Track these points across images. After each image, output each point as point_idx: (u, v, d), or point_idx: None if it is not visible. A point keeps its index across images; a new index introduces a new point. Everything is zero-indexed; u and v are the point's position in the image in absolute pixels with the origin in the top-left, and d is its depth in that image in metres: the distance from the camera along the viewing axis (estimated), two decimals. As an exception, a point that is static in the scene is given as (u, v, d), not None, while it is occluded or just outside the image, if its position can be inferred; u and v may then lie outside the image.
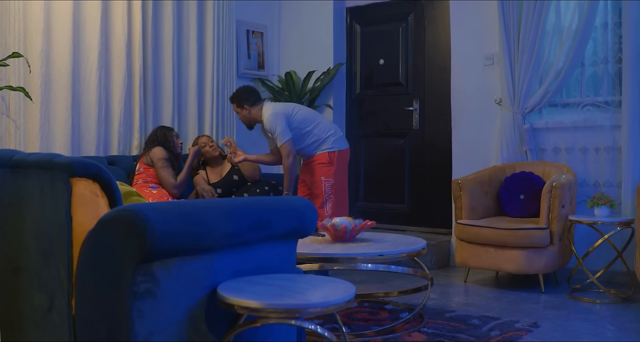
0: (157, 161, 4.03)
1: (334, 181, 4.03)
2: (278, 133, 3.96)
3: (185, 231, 1.67)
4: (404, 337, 2.84)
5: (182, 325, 1.70)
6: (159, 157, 4.03)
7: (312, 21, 5.54)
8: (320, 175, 4.03)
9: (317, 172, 4.04)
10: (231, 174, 4.41)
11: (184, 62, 4.74)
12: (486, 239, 3.83)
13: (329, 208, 3.98)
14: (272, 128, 3.98)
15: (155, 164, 4.04)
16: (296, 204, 2.10)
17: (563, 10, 4.21)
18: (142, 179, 4.01)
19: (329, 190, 4.01)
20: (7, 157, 2.09)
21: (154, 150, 4.06)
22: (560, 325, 3.08)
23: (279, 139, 3.97)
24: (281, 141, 3.96)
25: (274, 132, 3.98)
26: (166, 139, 4.15)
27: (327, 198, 3.99)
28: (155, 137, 4.16)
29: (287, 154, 3.94)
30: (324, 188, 4.00)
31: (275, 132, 3.97)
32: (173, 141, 4.18)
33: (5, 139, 3.71)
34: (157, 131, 4.21)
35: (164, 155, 4.05)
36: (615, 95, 4.07)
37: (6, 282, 2.08)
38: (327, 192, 4.00)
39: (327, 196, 4.00)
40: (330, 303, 1.72)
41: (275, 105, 4.13)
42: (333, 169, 4.04)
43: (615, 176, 4.05)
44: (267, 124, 4.01)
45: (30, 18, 3.81)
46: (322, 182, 4.00)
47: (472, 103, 4.66)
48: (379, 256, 2.82)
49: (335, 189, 4.03)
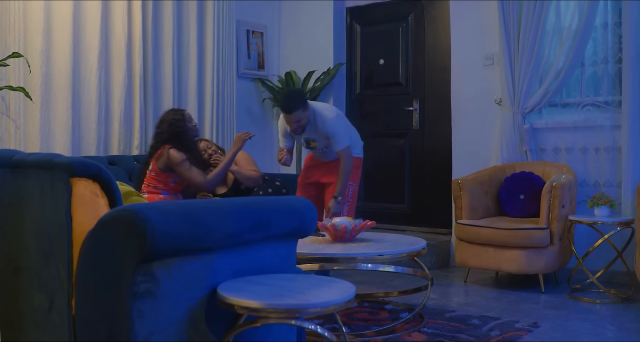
0: (178, 167, 3.67)
1: (356, 186, 3.96)
2: (341, 137, 3.78)
3: (185, 231, 1.66)
4: (404, 337, 2.84)
5: (182, 325, 1.70)
6: (178, 162, 3.65)
7: (312, 21, 5.54)
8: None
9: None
10: (238, 183, 4.13)
11: (184, 62, 4.74)
12: (486, 239, 3.83)
13: (345, 211, 3.93)
14: (335, 131, 3.77)
15: (178, 170, 3.69)
16: (296, 204, 2.10)
17: (563, 10, 4.21)
18: (153, 185, 3.74)
19: (350, 194, 3.94)
20: (7, 157, 2.09)
21: (170, 156, 3.67)
22: (560, 325, 3.08)
23: (341, 142, 3.77)
24: (343, 144, 3.77)
25: (335, 135, 3.77)
26: (180, 129, 3.76)
27: (347, 201, 3.93)
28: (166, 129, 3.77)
29: (348, 158, 3.79)
30: (348, 191, 3.93)
31: (337, 135, 3.78)
32: (187, 128, 3.83)
33: (5, 139, 3.71)
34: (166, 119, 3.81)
35: (182, 156, 3.67)
36: (615, 95, 4.07)
37: (6, 282, 2.08)
38: (348, 195, 3.94)
39: (347, 199, 3.93)
40: (330, 303, 1.72)
41: (327, 106, 3.95)
42: (358, 174, 3.98)
43: (615, 176, 4.05)
44: (329, 126, 3.76)
45: (30, 18, 3.81)
46: (348, 185, 3.92)
47: (472, 103, 4.66)
48: (379, 256, 2.82)
49: (355, 194, 3.98)
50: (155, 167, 3.74)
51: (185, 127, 3.78)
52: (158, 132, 3.83)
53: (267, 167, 5.58)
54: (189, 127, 3.81)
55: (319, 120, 3.81)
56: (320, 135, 3.85)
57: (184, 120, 3.80)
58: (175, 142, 3.74)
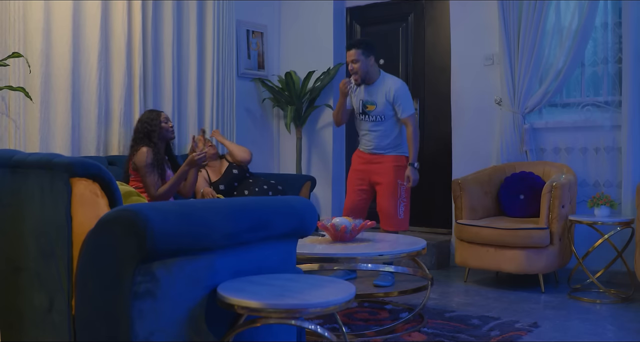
0: (140, 168, 3.64)
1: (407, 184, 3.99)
2: (408, 104, 3.90)
3: (185, 231, 1.66)
4: (404, 337, 2.84)
5: (182, 325, 1.70)
6: (142, 164, 3.63)
7: (312, 21, 5.54)
8: (397, 177, 3.98)
9: (393, 174, 3.98)
10: (230, 168, 4.43)
11: (184, 62, 4.74)
12: (486, 239, 3.83)
13: (402, 211, 3.97)
14: (403, 96, 3.89)
15: (138, 168, 3.67)
16: (296, 204, 2.10)
17: (563, 10, 4.21)
18: (135, 185, 3.72)
19: (403, 193, 3.98)
20: (7, 157, 2.09)
21: (138, 155, 3.66)
22: (560, 325, 3.08)
23: (407, 109, 3.89)
24: (410, 111, 3.90)
25: (404, 101, 3.88)
26: (152, 128, 3.73)
27: (402, 201, 3.98)
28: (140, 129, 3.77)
29: (415, 126, 3.90)
30: (401, 191, 3.97)
31: (406, 102, 3.89)
32: (160, 127, 3.76)
33: (5, 139, 3.71)
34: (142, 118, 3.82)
35: (148, 160, 3.64)
36: (615, 95, 4.07)
37: (6, 282, 2.08)
38: (402, 195, 3.98)
39: (402, 198, 3.98)
40: (330, 303, 1.72)
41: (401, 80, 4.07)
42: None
43: (615, 176, 4.05)
44: (399, 91, 3.87)
45: (30, 18, 3.80)
46: (398, 185, 3.97)
47: (472, 103, 4.66)
48: (379, 256, 2.82)
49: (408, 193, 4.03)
50: (130, 169, 3.73)
51: (157, 126, 3.76)
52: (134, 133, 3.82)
53: (267, 167, 5.59)
54: (162, 126, 3.78)
55: (389, 82, 3.91)
56: (383, 98, 3.91)
57: (158, 120, 3.78)
58: (147, 141, 3.73)
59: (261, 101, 5.58)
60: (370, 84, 3.97)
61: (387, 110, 3.95)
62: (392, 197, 3.97)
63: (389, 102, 3.91)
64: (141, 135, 3.77)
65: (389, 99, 3.90)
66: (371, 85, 3.95)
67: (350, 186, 4.16)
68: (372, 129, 4.03)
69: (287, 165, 5.66)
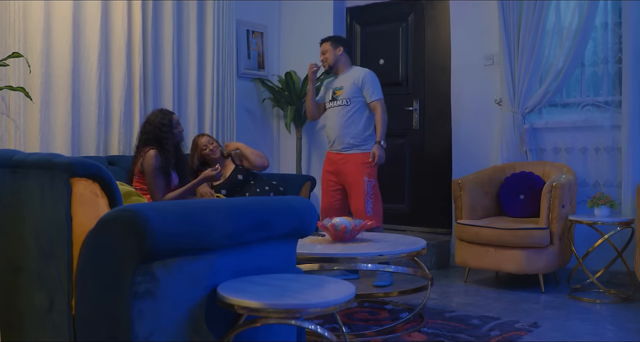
0: (148, 172, 3.64)
1: (375, 182, 4.06)
2: (376, 89, 4.04)
3: (185, 231, 1.66)
4: (404, 337, 2.84)
5: (182, 325, 1.70)
6: (150, 168, 3.62)
7: (312, 21, 5.53)
8: (363, 175, 4.02)
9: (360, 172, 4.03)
10: (235, 174, 4.25)
11: (184, 62, 4.74)
12: (486, 239, 3.83)
13: (370, 208, 4.00)
14: (371, 81, 4.05)
15: (145, 171, 3.66)
16: (296, 204, 2.10)
17: (563, 10, 4.21)
18: (139, 187, 3.71)
19: (370, 190, 4.03)
20: (7, 157, 2.09)
21: (146, 159, 3.65)
22: (560, 325, 3.08)
23: (375, 93, 4.03)
24: (377, 96, 4.03)
25: (372, 85, 4.03)
26: (164, 135, 3.71)
27: (369, 197, 4.01)
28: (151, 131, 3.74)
29: (384, 108, 4.03)
30: (368, 188, 4.02)
31: (374, 86, 4.04)
32: (172, 135, 3.76)
33: (5, 139, 3.71)
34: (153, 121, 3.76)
35: (157, 164, 3.63)
36: (615, 95, 4.07)
37: (6, 282, 2.08)
38: (369, 192, 4.02)
39: (369, 195, 4.02)
40: (330, 303, 1.72)
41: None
42: (375, 170, 4.08)
43: (615, 176, 4.05)
44: (367, 76, 4.06)
45: (30, 18, 3.81)
46: (365, 182, 4.02)
47: (472, 103, 4.66)
48: (379, 256, 2.82)
49: (375, 190, 4.07)
50: (137, 170, 3.72)
51: (170, 133, 3.73)
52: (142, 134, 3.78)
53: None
54: (174, 133, 3.77)
55: (359, 70, 4.13)
56: (351, 83, 4.06)
57: (171, 125, 3.75)
58: (156, 144, 3.71)
59: (261, 101, 5.58)
60: (340, 73, 4.18)
61: (355, 93, 4.07)
62: (360, 195, 4.02)
63: (357, 87, 4.06)
64: (151, 136, 3.72)
65: (357, 84, 4.06)
66: (341, 75, 4.18)
67: (324, 188, 4.25)
68: (339, 114, 4.11)
69: (287, 166, 5.66)
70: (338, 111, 4.12)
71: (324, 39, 4.24)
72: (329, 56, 4.17)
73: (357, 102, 4.07)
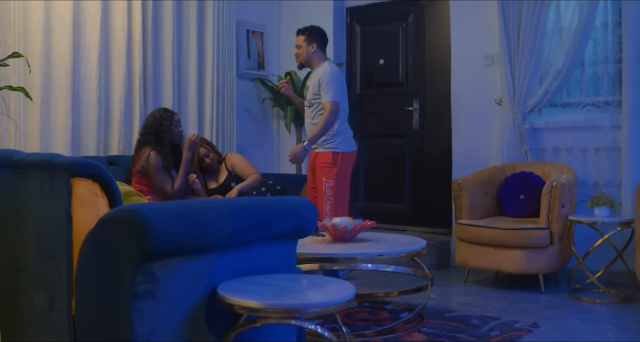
0: (152, 170, 3.75)
1: (334, 183, 3.91)
2: (333, 90, 3.81)
3: (185, 231, 1.66)
4: (404, 337, 2.84)
5: (182, 325, 1.70)
6: (153, 167, 3.75)
7: (312, 21, 5.48)
8: (322, 175, 3.93)
9: (320, 172, 3.94)
10: (229, 180, 4.27)
11: (184, 62, 4.74)
12: (486, 239, 3.83)
13: (328, 210, 3.91)
14: (329, 81, 3.82)
15: (149, 172, 3.77)
16: (296, 204, 2.10)
17: (563, 10, 4.21)
18: (138, 188, 3.77)
19: (327, 191, 3.92)
20: (7, 157, 2.09)
21: (149, 160, 3.77)
22: (560, 325, 3.08)
23: (330, 94, 3.80)
24: (329, 98, 3.80)
25: (327, 86, 3.81)
26: (162, 128, 3.84)
27: (327, 199, 3.91)
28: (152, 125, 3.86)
29: (333, 111, 3.80)
30: (325, 189, 3.93)
31: (331, 87, 3.81)
32: (170, 130, 3.89)
33: (5, 139, 3.71)
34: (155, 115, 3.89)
35: (159, 163, 3.76)
36: (615, 95, 4.07)
37: (6, 282, 2.08)
38: (327, 193, 3.91)
39: (327, 197, 3.91)
40: (330, 303, 1.72)
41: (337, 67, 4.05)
42: (335, 171, 3.91)
43: (615, 176, 4.05)
44: (325, 75, 3.85)
45: (30, 18, 3.81)
46: (323, 182, 3.94)
47: (472, 103, 4.66)
48: (379, 256, 2.82)
49: (335, 192, 3.92)
50: (135, 171, 3.79)
51: (168, 128, 3.85)
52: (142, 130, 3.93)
53: (267, 167, 5.59)
54: (172, 130, 3.89)
55: (323, 68, 3.93)
56: (314, 83, 3.94)
57: (171, 121, 3.88)
58: (154, 143, 3.82)
59: (261, 101, 5.58)
60: (314, 69, 4.05)
61: (314, 95, 3.94)
62: (320, 195, 3.93)
63: (316, 89, 3.92)
64: (151, 131, 3.84)
65: (315, 85, 3.92)
66: (313, 71, 4.05)
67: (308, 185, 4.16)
68: (306, 115, 4.04)
69: (287, 165, 5.66)
70: (306, 111, 4.05)
71: (299, 31, 4.06)
72: (301, 52, 4.01)
73: (318, 104, 3.93)
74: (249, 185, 4.16)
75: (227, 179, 4.29)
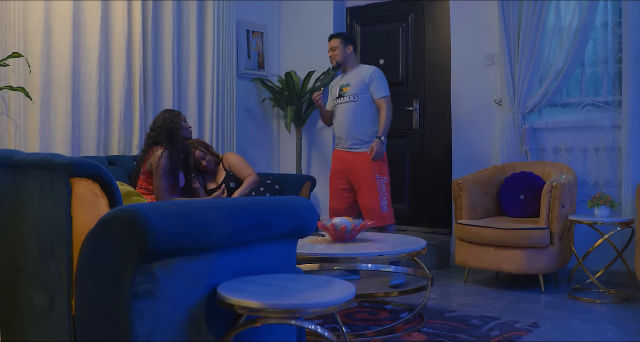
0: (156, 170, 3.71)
1: (387, 179, 4.06)
2: (383, 86, 4.05)
3: (185, 231, 1.66)
4: (404, 337, 2.84)
5: (182, 325, 1.70)
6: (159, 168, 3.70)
7: (312, 21, 5.53)
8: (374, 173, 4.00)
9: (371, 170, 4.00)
10: (227, 180, 4.24)
11: (184, 62, 4.74)
12: (486, 239, 3.83)
13: (385, 205, 3.99)
14: (378, 78, 4.06)
15: (153, 170, 3.73)
16: (296, 204, 2.10)
17: (563, 10, 4.21)
18: (145, 187, 3.76)
19: (383, 187, 4.02)
20: (7, 157, 2.09)
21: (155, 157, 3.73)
22: (560, 325, 3.08)
23: (382, 91, 4.04)
24: (384, 93, 4.04)
25: (380, 83, 4.05)
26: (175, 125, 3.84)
27: (383, 195, 4.01)
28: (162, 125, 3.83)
29: (390, 104, 4.05)
30: (381, 185, 4.01)
31: (384, 83, 4.06)
32: (182, 126, 3.89)
33: (5, 139, 3.71)
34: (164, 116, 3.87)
35: (167, 166, 3.72)
36: (615, 95, 4.07)
37: (6, 282, 2.08)
38: (382, 189, 4.01)
39: (383, 192, 4.01)
40: (330, 303, 1.72)
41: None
42: (386, 167, 4.08)
43: (615, 176, 4.05)
44: (376, 73, 4.08)
45: (30, 18, 3.81)
46: (377, 179, 4.00)
47: (472, 103, 4.66)
48: (379, 256, 2.82)
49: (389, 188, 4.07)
50: (144, 169, 3.78)
51: (180, 124, 3.87)
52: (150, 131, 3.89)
53: (267, 167, 5.59)
54: (183, 125, 3.89)
55: (366, 68, 4.15)
56: (357, 80, 4.08)
57: (180, 119, 3.90)
58: (167, 142, 3.80)
59: (261, 101, 5.58)
60: (347, 71, 4.19)
61: (361, 90, 4.07)
62: (372, 193, 3.99)
63: (364, 84, 4.07)
64: (163, 131, 3.82)
65: (365, 81, 4.07)
66: (348, 73, 4.19)
67: (333, 188, 4.20)
68: (347, 111, 4.10)
69: (287, 165, 5.66)
70: (345, 108, 4.10)
71: (333, 35, 4.25)
72: (338, 53, 4.17)
73: (364, 99, 4.06)
74: (247, 188, 4.17)
75: (225, 179, 4.27)
